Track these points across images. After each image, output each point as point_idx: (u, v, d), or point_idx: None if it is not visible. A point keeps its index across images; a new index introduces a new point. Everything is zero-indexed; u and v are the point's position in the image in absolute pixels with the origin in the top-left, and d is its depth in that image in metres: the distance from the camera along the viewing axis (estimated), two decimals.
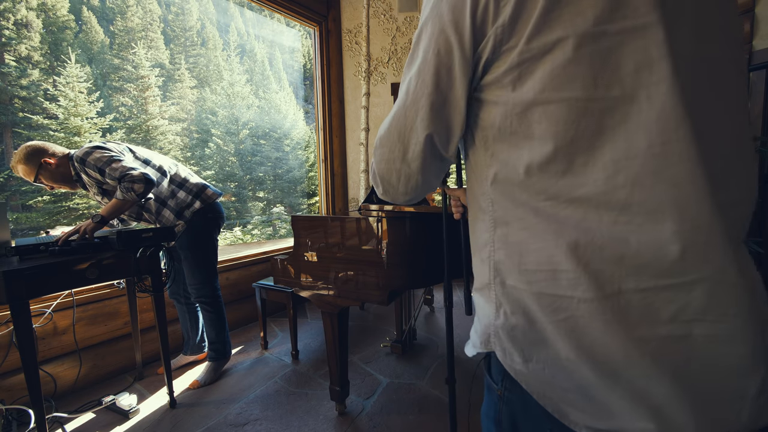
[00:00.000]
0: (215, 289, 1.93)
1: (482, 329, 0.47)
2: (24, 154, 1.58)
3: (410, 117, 0.46)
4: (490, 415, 0.51)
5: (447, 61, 0.42)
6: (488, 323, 0.45)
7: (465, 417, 1.56)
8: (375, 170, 0.54)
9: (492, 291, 0.44)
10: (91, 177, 1.63)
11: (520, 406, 0.45)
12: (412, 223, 1.35)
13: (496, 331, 0.44)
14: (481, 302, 0.48)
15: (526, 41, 0.37)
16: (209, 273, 1.91)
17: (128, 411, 1.62)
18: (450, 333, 1.11)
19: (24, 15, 12.85)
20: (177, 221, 1.81)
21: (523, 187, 0.40)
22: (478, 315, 0.50)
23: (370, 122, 3.36)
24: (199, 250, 1.87)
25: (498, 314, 0.44)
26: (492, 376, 0.50)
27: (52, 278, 1.30)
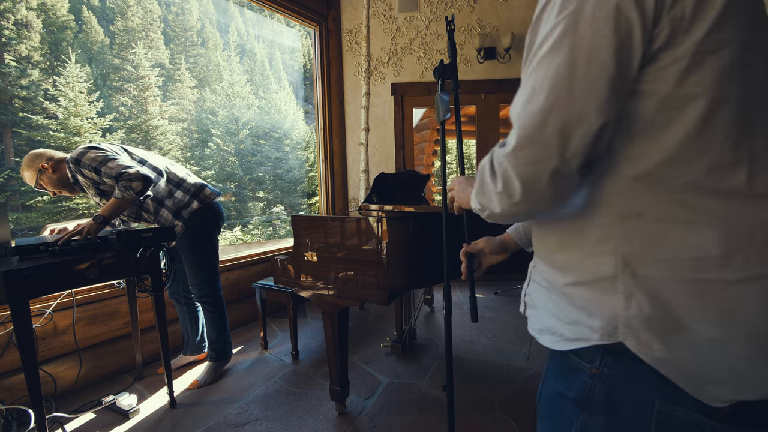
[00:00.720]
0: (217, 289, 1.93)
1: (605, 321, 0.45)
2: (26, 160, 1.61)
3: (580, 104, 0.40)
4: (571, 396, 0.51)
5: (628, 42, 0.39)
6: (614, 314, 0.44)
7: (465, 417, 1.56)
8: (513, 175, 0.46)
9: (619, 283, 0.44)
10: (88, 178, 1.62)
11: (621, 382, 0.46)
12: (412, 223, 1.35)
13: (628, 322, 0.43)
14: (592, 295, 0.47)
15: (705, 34, 0.38)
16: (210, 273, 1.89)
17: (128, 411, 1.62)
18: (449, 339, 1.11)
19: (24, 15, 12.85)
20: (175, 221, 1.79)
21: (666, 179, 0.41)
22: (578, 304, 0.48)
23: (370, 122, 3.36)
24: (200, 250, 1.85)
25: (629, 305, 0.43)
26: (581, 356, 0.50)
27: (52, 278, 1.30)
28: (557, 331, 0.52)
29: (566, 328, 0.50)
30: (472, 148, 17.12)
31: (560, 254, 0.52)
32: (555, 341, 0.52)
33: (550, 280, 0.54)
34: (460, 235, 1.48)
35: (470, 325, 2.51)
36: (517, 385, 1.79)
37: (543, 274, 0.57)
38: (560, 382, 0.54)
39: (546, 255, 0.56)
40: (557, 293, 0.52)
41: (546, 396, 0.58)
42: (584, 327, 0.47)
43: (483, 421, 1.53)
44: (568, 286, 0.49)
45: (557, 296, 0.52)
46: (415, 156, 3.60)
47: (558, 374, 0.55)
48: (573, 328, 0.49)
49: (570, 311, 0.49)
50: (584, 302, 0.47)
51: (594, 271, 0.46)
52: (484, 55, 3.18)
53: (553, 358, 0.58)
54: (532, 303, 0.60)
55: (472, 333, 2.38)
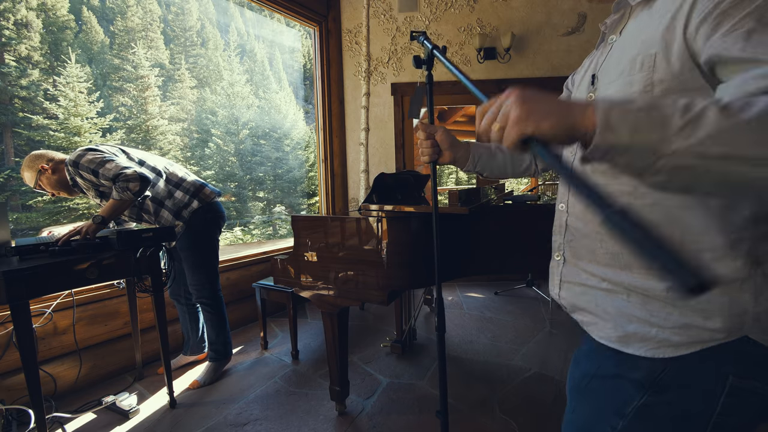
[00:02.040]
0: (216, 290, 1.92)
1: (732, 320, 0.45)
2: (26, 160, 1.63)
3: None
4: (634, 378, 0.51)
5: None
6: (742, 311, 0.45)
7: (465, 417, 1.56)
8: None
9: (750, 283, 0.45)
10: (87, 180, 1.62)
11: (697, 363, 0.48)
12: (412, 223, 1.35)
13: (757, 317, 0.44)
14: (712, 298, 0.46)
15: None
16: (210, 273, 1.89)
17: (128, 411, 1.62)
18: (442, 360, 1.11)
19: (24, 15, 12.85)
20: (176, 222, 1.80)
21: None
22: (690, 306, 0.47)
23: (370, 122, 3.36)
24: (199, 250, 1.85)
25: (758, 302, 0.44)
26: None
27: (52, 278, 1.30)
28: (654, 337, 0.49)
29: (670, 333, 0.48)
30: None
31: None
32: (651, 348, 0.50)
33: (632, 285, 0.52)
34: (458, 237, 1.49)
35: (470, 325, 2.51)
36: (517, 385, 1.79)
37: (610, 278, 0.54)
38: (616, 365, 0.53)
39: (629, 258, 0.52)
40: (645, 298, 0.50)
41: (591, 375, 0.57)
42: (700, 330, 0.47)
43: (483, 421, 1.53)
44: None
45: (646, 301, 0.50)
46: (415, 156, 3.60)
47: (613, 357, 0.54)
48: (683, 332, 0.48)
49: (674, 316, 0.48)
50: (701, 305, 0.46)
51: (723, 274, 0.46)
52: (484, 55, 3.18)
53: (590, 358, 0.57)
54: (587, 308, 0.58)
55: (472, 333, 2.38)
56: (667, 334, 0.49)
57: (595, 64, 0.62)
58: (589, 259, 0.57)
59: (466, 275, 1.47)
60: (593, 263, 0.57)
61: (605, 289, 0.55)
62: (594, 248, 0.56)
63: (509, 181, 16.49)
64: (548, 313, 2.65)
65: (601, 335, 0.56)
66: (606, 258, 0.55)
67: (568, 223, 0.62)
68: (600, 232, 0.55)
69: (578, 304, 0.59)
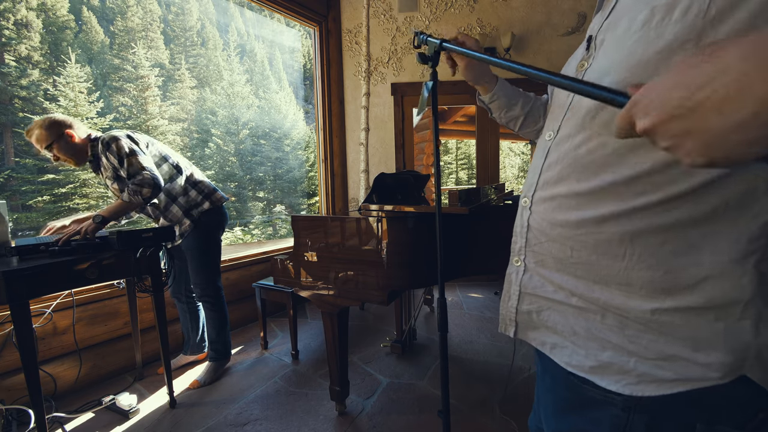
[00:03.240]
0: (219, 289, 1.94)
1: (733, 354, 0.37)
2: (48, 121, 1.58)
3: None
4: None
5: None
6: (743, 344, 0.36)
7: (465, 417, 1.56)
8: None
9: (752, 307, 0.36)
10: (110, 162, 1.64)
11: (663, 407, 0.40)
12: (412, 223, 1.35)
13: (759, 352, 0.36)
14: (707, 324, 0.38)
15: None
16: (213, 272, 1.92)
17: (128, 411, 1.62)
18: (444, 359, 1.11)
19: (24, 15, 12.85)
20: (184, 219, 1.81)
21: None
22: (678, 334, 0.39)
23: (370, 122, 3.37)
24: (206, 249, 1.88)
25: (758, 331, 0.36)
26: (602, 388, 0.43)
27: (52, 278, 1.30)
28: (633, 370, 0.41)
29: (651, 366, 0.40)
30: (472, 148, 17.13)
31: (652, 273, 0.40)
32: (630, 384, 0.41)
33: (608, 304, 0.43)
34: (457, 237, 1.49)
35: (470, 325, 2.51)
36: (517, 385, 1.79)
37: (582, 293, 0.45)
38: (583, 420, 0.46)
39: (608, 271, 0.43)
40: (623, 319, 0.42)
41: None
42: (690, 364, 0.38)
43: (483, 421, 1.53)
44: (662, 312, 0.39)
45: (624, 322, 0.42)
46: (415, 156, 3.60)
47: (576, 409, 0.47)
48: (668, 366, 0.39)
49: (658, 344, 0.40)
50: (691, 332, 0.38)
51: (718, 296, 0.37)
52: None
53: (553, 387, 0.50)
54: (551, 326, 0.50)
55: (472, 333, 2.38)
56: (649, 366, 0.40)
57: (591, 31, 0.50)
58: (557, 268, 0.48)
59: (466, 275, 1.47)
60: (562, 273, 0.48)
61: (575, 306, 0.46)
62: (563, 256, 0.47)
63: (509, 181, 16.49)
64: None
65: (569, 362, 0.47)
66: (578, 269, 0.46)
67: (531, 223, 0.52)
68: (571, 237, 0.46)
69: (541, 320, 0.50)
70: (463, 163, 20.16)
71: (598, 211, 0.43)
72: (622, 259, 0.41)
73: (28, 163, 10.90)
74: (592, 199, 0.43)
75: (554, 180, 0.49)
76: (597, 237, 0.43)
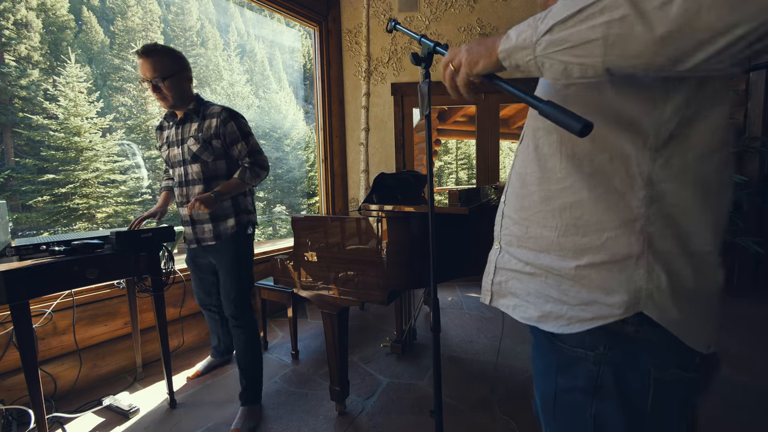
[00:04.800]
0: (251, 308, 1.69)
1: (629, 295, 0.49)
2: (176, 52, 1.51)
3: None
4: (578, 387, 0.54)
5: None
6: (638, 288, 0.48)
7: (465, 417, 1.56)
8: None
9: (643, 259, 0.48)
10: (221, 132, 1.51)
11: (623, 360, 0.51)
12: (412, 223, 1.35)
13: (650, 293, 0.48)
14: (611, 274, 0.50)
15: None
16: (249, 287, 1.67)
17: (128, 411, 1.62)
18: (437, 360, 1.11)
19: (24, 15, 12.84)
20: (230, 218, 1.59)
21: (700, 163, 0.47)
22: (594, 284, 0.51)
23: (370, 122, 3.37)
24: (247, 261, 1.66)
25: (651, 278, 0.48)
26: (582, 346, 0.53)
27: (52, 278, 1.30)
28: (566, 314, 0.53)
29: (579, 310, 0.52)
30: (472, 148, 17.12)
31: (573, 238, 0.53)
32: (563, 325, 0.54)
33: (549, 267, 0.55)
34: (457, 237, 1.49)
35: (470, 324, 2.51)
36: (517, 385, 1.79)
37: (532, 261, 0.58)
38: (564, 377, 0.56)
39: (547, 241, 0.56)
40: (558, 278, 0.54)
41: (551, 395, 0.59)
42: (602, 305, 0.50)
43: (483, 421, 1.53)
44: (582, 268, 0.51)
45: (560, 281, 0.54)
46: (415, 156, 3.60)
47: (560, 370, 0.57)
48: (588, 309, 0.51)
49: (581, 293, 0.52)
50: (602, 282, 0.50)
51: (617, 252, 0.49)
52: None
53: (544, 357, 0.60)
54: (514, 292, 0.62)
55: (472, 333, 2.38)
56: (576, 310, 0.52)
57: None
58: (518, 245, 0.61)
59: (466, 275, 1.47)
60: (521, 248, 0.61)
61: (528, 272, 0.59)
62: (521, 234, 0.60)
63: None
64: None
65: (523, 316, 0.60)
66: (530, 243, 0.59)
67: (504, 213, 0.66)
68: (527, 218, 0.59)
69: (507, 288, 0.64)
70: (463, 163, 20.14)
71: (542, 193, 0.57)
72: (555, 231, 0.55)
73: (28, 163, 10.89)
74: (539, 183, 0.57)
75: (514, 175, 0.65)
76: (541, 215, 0.57)
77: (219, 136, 1.52)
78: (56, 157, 10.66)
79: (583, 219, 0.52)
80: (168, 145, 1.63)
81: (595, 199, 0.51)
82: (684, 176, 0.47)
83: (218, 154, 1.55)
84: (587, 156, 0.51)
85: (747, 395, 1.62)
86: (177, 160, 1.59)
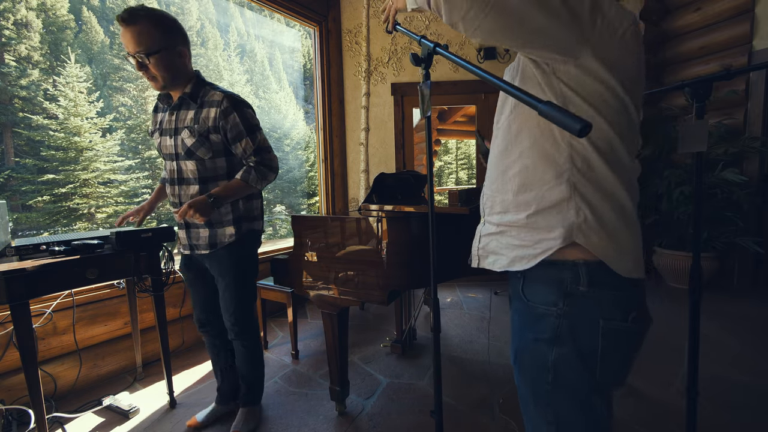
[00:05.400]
0: (256, 321, 1.53)
1: (564, 230, 0.62)
2: (166, 19, 1.20)
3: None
4: (542, 338, 0.66)
5: None
6: (570, 224, 0.62)
7: (465, 417, 1.56)
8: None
9: (572, 202, 0.62)
10: (219, 125, 1.27)
11: (578, 313, 0.63)
12: (412, 223, 1.35)
13: (579, 226, 0.62)
14: (550, 216, 0.64)
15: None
16: (252, 300, 1.50)
17: (128, 411, 1.62)
18: (437, 360, 1.11)
19: (24, 15, 12.84)
20: (229, 226, 1.37)
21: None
22: (541, 226, 0.65)
23: (370, 122, 3.36)
24: (249, 272, 1.47)
25: (579, 215, 0.62)
26: (546, 303, 0.66)
27: (52, 278, 1.30)
28: (525, 255, 0.67)
29: (532, 249, 0.66)
30: (472, 148, 17.11)
31: (524, 194, 0.67)
32: (526, 262, 0.67)
33: (510, 222, 0.70)
34: (457, 237, 1.49)
35: (470, 325, 2.51)
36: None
37: (500, 221, 0.73)
38: (531, 331, 0.68)
39: (507, 202, 0.70)
40: (517, 228, 0.69)
41: (521, 347, 0.71)
42: (547, 240, 0.64)
43: (483, 421, 1.53)
44: (531, 216, 0.66)
45: (518, 230, 0.69)
46: (415, 156, 3.60)
47: (529, 325, 0.69)
48: (539, 246, 0.65)
49: (533, 235, 0.66)
50: (546, 223, 0.65)
51: (554, 199, 0.63)
52: (484, 55, 3.18)
53: (520, 316, 0.72)
54: (492, 250, 0.75)
55: (472, 333, 2.38)
56: (531, 249, 0.66)
57: None
58: (490, 212, 0.76)
59: (467, 275, 1.47)
60: (493, 214, 0.75)
61: (499, 231, 0.73)
62: (492, 203, 0.75)
63: None
64: None
65: (501, 266, 0.73)
66: (497, 207, 0.73)
67: (484, 191, 0.79)
68: (495, 189, 0.74)
69: (488, 249, 0.76)
70: (463, 163, 20.13)
71: (501, 167, 0.72)
72: (511, 193, 0.69)
73: (28, 163, 10.89)
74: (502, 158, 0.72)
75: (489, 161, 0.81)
76: (503, 182, 0.71)
77: (218, 129, 1.28)
78: (56, 157, 10.66)
79: (528, 179, 0.66)
80: (160, 132, 1.36)
81: (534, 163, 0.65)
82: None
83: (217, 150, 1.31)
84: (526, 131, 0.66)
85: (749, 395, 1.62)
86: (169, 152, 1.34)
